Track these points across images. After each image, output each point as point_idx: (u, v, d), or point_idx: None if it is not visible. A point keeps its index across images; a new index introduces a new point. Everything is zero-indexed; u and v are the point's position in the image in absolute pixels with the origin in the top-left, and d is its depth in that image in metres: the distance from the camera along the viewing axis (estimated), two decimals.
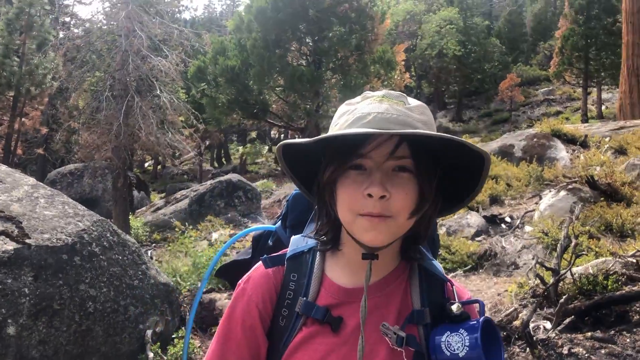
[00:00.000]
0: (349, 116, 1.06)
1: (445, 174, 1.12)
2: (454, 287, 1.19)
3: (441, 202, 1.13)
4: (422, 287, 1.15)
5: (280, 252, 1.21)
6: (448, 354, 1.04)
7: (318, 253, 1.17)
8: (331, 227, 1.14)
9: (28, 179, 5.20)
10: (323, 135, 1.04)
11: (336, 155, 1.06)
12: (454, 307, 1.10)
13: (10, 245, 4.11)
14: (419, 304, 1.13)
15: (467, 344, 1.03)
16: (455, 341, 1.04)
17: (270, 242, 1.43)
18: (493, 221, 9.74)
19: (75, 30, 20.14)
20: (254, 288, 1.14)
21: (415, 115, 1.05)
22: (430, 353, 1.07)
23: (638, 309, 4.55)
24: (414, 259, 1.17)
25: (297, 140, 1.09)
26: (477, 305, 1.16)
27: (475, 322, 1.06)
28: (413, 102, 1.09)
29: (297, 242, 1.21)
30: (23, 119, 19.80)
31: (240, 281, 1.18)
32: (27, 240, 4.23)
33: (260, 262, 1.19)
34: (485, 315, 1.09)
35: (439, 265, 1.23)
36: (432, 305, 1.14)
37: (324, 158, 1.11)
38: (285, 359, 1.09)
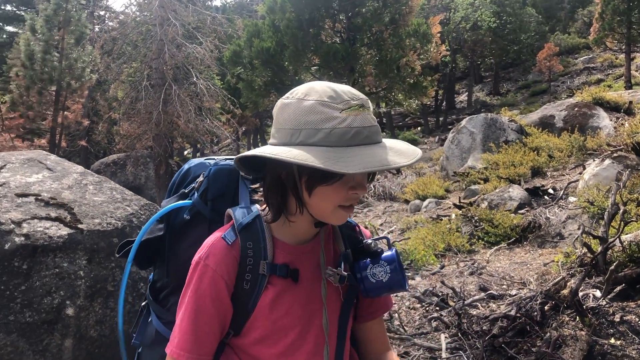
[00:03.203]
0: (342, 127, 1.14)
1: None
2: (360, 228, 1.45)
3: None
4: (342, 232, 1.41)
5: (228, 227, 1.31)
6: (374, 281, 1.30)
7: (264, 220, 1.32)
8: (285, 207, 1.28)
9: (76, 167, 5.37)
10: (363, 170, 1.11)
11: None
12: (372, 245, 1.37)
13: (65, 231, 4.27)
14: (344, 247, 1.38)
15: (388, 271, 1.30)
16: (379, 271, 1.31)
17: (186, 216, 1.51)
18: (535, 193, 9.59)
19: (110, 23, 20.45)
20: (217, 263, 1.25)
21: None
22: (359, 283, 1.32)
23: None
24: None
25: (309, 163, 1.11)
26: (385, 240, 1.42)
27: (390, 253, 1.33)
28: (367, 98, 1.24)
29: (241, 214, 1.33)
30: (65, 113, 20.30)
31: (197, 258, 1.27)
32: (80, 226, 4.39)
33: (218, 239, 1.28)
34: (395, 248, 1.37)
35: None
36: (351, 245, 1.39)
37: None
38: (255, 314, 1.27)
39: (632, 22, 29.00)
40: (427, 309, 4.97)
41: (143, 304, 1.70)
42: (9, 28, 38.59)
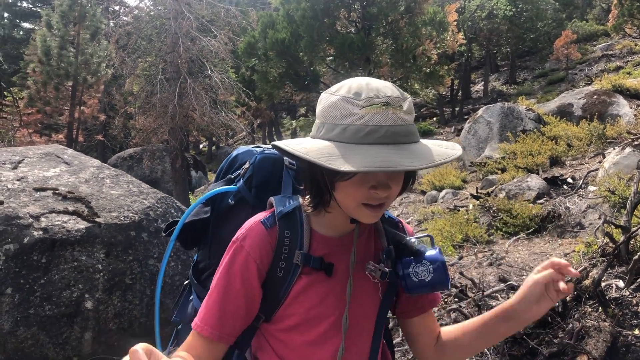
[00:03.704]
0: (358, 124, 1.14)
1: None
2: (403, 225, 1.46)
3: None
4: (385, 229, 1.40)
5: (268, 213, 1.34)
6: (416, 280, 1.29)
7: (304, 212, 1.34)
8: (321, 198, 1.29)
9: (93, 161, 5.39)
10: (350, 169, 1.08)
11: None
12: (414, 243, 1.35)
13: (82, 224, 4.29)
14: (386, 243, 1.38)
15: (432, 270, 1.28)
16: (421, 270, 1.29)
17: (231, 201, 1.57)
18: (554, 183, 9.46)
19: (125, 18, 20.54)
20: (251, 246, 1.28)
21: (411, 118, 1.19)
22: (401, 281, 1.31)
23: None
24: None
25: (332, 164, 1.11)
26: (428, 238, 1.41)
27: (434, 252, 1.31)
28: (403, 97, 1.19)
29: (282, 202, 1.35)
30: (82, 108, 20.44)
31: (235, 238, 1.30)
32: (97, 219, 4.40)
33: (257, 223, 1.31)
34: (436, 246, 1.35)
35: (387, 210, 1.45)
36: (393, 242, 1.38)
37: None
38: (288, 302, 1.29)
39: None
40: (446, 300, 4.92)
41: (185, 282, 1.75)
42: (26, 25, 38.94)
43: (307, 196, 1.33)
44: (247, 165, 1.59)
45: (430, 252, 1.32)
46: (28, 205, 4.26)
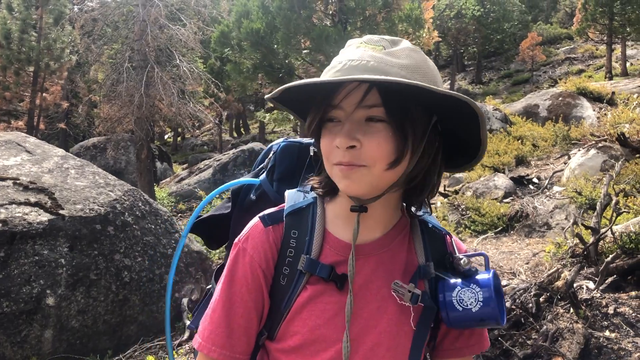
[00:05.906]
0: (333, 63, 1.02)
1: (446, 127, 1.06)
2: (452, 239, 1.16)
3: (441, 154, 1.08)
4: (425, 240, 1.13)
5: (277, 209, 1.15)
6: (460, 309, 1.03)
7: (318, 208, 1.12)
8: (326, 176, 1.09)
9: (57, 150, 5.18)
10: (285, 86, 1.00)
11: (314, 107, 1.05)
12: (462, 262, 1.08)
13: (45, 217, 4.11)
14: (424, 259, 1.11)
15: (481, 299, 1.02)
16: (468, 297, 1.03)
17: (252, 196, 1.39)
18: (520, 182, 9.60)
19: (90, 4, 20.02)
20: (254, 247, 1.09)
21: (394, 60, 0.98)
22: (441, 309, 1.05)
23: None
24: (414, 216, 1.14)
25: (277, 90, 1.03)
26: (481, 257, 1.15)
27: (486, 276, 1.05)
28: (401, 45, 1.02)
29: (295, 197, 1.16)
30: (44, 94, 19.84)
31: (237, 240, 1.12)
32: (61, 211, 4.22)
33: (257, 220, 1.13)
34: (491, 268, 1.08)
35: (434, 218, 1.19)
36: (435, 258, 1.12)
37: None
38: (290, 317, 1.06)
39: (614, 13, 29.17)
40: None
41: (208, 287, 1.51)
42: None
43: (318, 182, 1.13)
44: (271, 155, 1.40)
45: (483, 276, 1.05)
46: None
